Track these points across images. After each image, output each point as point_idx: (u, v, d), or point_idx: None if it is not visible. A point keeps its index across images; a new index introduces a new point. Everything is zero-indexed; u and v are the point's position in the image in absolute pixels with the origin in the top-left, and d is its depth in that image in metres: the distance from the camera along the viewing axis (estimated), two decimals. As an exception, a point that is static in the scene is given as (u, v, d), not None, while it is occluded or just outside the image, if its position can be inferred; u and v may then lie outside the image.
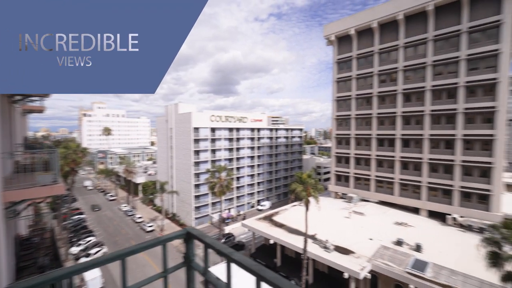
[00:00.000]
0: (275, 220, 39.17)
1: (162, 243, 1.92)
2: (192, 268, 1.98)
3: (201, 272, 1.88)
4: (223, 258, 1.59)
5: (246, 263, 1.39)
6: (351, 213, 40.85)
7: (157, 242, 1.90)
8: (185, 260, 2.00)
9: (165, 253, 1.95)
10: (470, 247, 26.07)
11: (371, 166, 46.82)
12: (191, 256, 2.00)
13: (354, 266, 25.94)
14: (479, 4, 35.05)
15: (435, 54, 38.99)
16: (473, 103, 35.93)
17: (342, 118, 51.12)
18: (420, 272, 24.33)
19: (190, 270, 1.99)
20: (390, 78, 44.21)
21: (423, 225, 36.43)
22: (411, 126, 42.13)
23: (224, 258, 1.56)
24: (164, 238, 1.93)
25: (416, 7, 39.46)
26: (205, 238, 1.83)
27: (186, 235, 2.00)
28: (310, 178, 29.47)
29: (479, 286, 22.02)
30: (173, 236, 1.99)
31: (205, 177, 51.55)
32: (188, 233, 2.00)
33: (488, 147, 35.22)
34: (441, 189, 39.20)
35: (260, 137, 75.57)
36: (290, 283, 1.15)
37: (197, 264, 1.98)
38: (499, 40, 33.61)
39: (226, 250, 1.57)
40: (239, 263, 1.44)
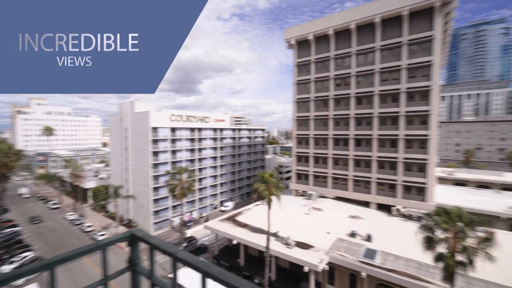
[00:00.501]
0: (238, 220, 39.16)
1: (101, 248, 1.73)
2: (137, 272, 1.83)
3: (146, 275, 1.75)
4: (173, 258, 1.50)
5: (191, 260, 1.32)
6: (311, 209, 42.93)
7: (96, 247, 1.71)
8: (129, 265, 1.84)
9: (105, 258, 1.76)
10: (410, 234, 29.44)
11: (328, 164, 49.85)
12: (136, 260, 1.84)
13: (313, 259, 27.29)
14: (416, 20, 39.91)
15: (382, 62, 43.22)
16: (412, 107, 40.74)
17: (302, 119, 53.43)
18: (370, 260, 26.68)
19: (135, 274, 1.83)
20: (344, 82, 47.65)
21: (373, 217, 40.06)
22: (362, 127, 45.99)
23: (170, 257, 1.47)
24: (104, 242, 1.74)
25: (365, 18, 43.24)
26: (151, 239, 1.71)
27: (130, 237, 1.84)
28: (272, 177, 30.15)
29: (417, 268, 25.04)
30: (115, 239, 1.81)
31: (165, 180, 49.05)
32: (133, 235, 1.84)
33: (424, 145, 40.29)
34: (387, 183, 43.59)
35: (223, 137, 74.82)
36: (236, 277, 1.13)
37: (143, 268, 1.83)
38: (432, 52, 38.73)
39: (171, 249, 1.48)
40: (184, 261, 1.37)
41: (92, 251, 1.70)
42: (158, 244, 1.64)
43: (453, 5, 37.70)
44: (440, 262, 19.49)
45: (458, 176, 60.17)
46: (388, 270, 25.14)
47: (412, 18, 40.14)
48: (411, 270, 24.83)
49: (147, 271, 1.76)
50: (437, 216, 20.28)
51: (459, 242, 19.01)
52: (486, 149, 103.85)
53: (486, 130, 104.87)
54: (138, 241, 1.84)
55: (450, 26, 44.13)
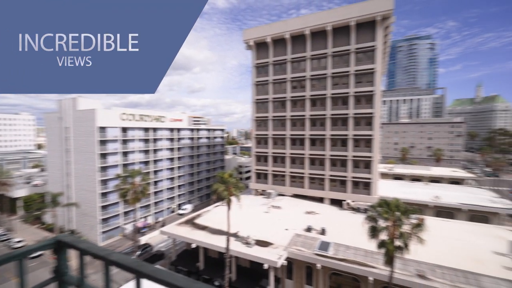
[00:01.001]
0: (197, 223, 38.06)
1: (17, 258, 1.48)
2: (65, 282, 1.61)
3: (75, 284, 1.55)
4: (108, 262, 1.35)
5: (124, 262, 1.21)
6: (270, 207, 44.00)
7: (10, 257, 1.45)
8: (55, 275, 1.61)
9: (22, 270, 1.51)
10: (358, 225, 32.29)
11: (286, 163, 51.75)
12: (63, 269, 1.62)
13: (273, 256, 28.01)
14: (362, 31, 44.01)
15: (333, 67, 46.58)
16: (359, 109, 44.80)
17: (261, 119, 54.44)
18: (324, 252, 28.50)
19: (62, 285, 1.61)
20: (300, 85, 50.03)
21: (327, 212, 42.90)
22: (316, 127, 48.88)
23: (101, 261, 1.32)
24: (20, 252, 1.49)
25: (318, 25, 46.09)
26: (80, 244, 1.52)
27: (56, 244, 1.61)
28: (232, 177, 30.04)
29: (364, 255, 27.61)
30: (36, 247, 1.57)
31: (115, 184, 44.96)
32: (59, 242, 1.62)
33: (369, 144, 44.64)
34: (339, 180, 47.14)
35: (181, 138, 71.94)
36: (171, 273, 1.07)
37: (72, 277, 1.62)
38: (374, 61, 43.15)
39: (103, 252, 1.34)
40: (117, 263, 1.25)
41: (4, 263, 1.44)
42: (89, 248, 1.46)
43: (391, 20, 42.62)
44: (382, 248, 21.81)
45: (397, 171, 68.25)
46: (340, 260, 27.19)
47: (359, 29, 44.15)
48: (359, 258, 27.27)
49: (76, 279, 1.56)
50: (380, 207, 22.67)
51: (397, 229, 21.54)
52: (417, 147, 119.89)
53: (417, 130, 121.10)
54: (66, 248, 1.62)
55: (389, 38, 49.78)
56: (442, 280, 23.27)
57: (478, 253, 27.97)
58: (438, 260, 25.97)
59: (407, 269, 24.80)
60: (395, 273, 22.79)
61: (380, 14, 41.22)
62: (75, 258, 1.60)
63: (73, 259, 1.74)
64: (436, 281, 23.26)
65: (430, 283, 23.06)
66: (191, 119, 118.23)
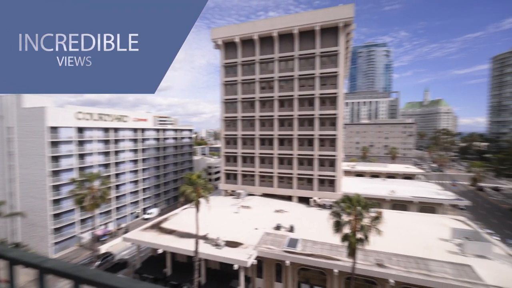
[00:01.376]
0: (164, 227, 36.47)
1: None
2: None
3: None
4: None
5: (61, 268, 1.09)
6: (240, 208, 43.94)
7: None
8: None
9: None
10: (324, 221, 33.82)
11: (255, 163, 52.15)
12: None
13: (243, 256, 28.00)
14: (326, 36, 46.21)
15: (300, 69, 48.18)
16: (324, 111, 46.97)
17: (230, 119, 54.11)
18: (293, 248, 29.31)
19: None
20: (268, 86, 50.83)
21: (295, 209, 44.19)
22: (285, 127, 50.09)
23: (35, 269, 1.17)
24: None
25: (286, 28, 47.30)
26: (10, 252, 1.33)
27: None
28: (200, 178, 29.34)
29: (330, 249, 29.02)
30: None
31: (69, 189, 40.92)
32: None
33: (333, 144, 47.05)
34: (306, 178, 48.90)
35: (145, 139, 68.36)
36: (114, 275, 0.98)
37: None
38: (337, 64, 45.63)
39: (36, 260, 1.19)
40: (53, 271, 1.12)
41: None
42: (20, 257, 1.29)
43: (352, 27, 45.47)
44: (346, 241, 23.14)
45: (358, 169, 73.03)
46: (308, 255, 28.20)
47: (323, 34, 46.29)
48: (325, 252, 28.57)
49: None
50: (343, 203, 24.02)
51: (358, 222, 23.03)
52: (376, 146, 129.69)
53: (376, 131, 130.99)
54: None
55: (350, 44, 53.05)
56: (397, 267, 25.46)
57: (427, 240, 31.16)
58: (394, 249, 28.36)
59: (367, 259, 26.64)
60: (357, 264, 24.33)
61: (342, 21, 43.71)
62: (5, 269, 1.40)
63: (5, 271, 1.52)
64: (393, 268, 25.38)
65: (387, 271, 25.08)
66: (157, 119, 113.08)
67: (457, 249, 28.74)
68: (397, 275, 24.66)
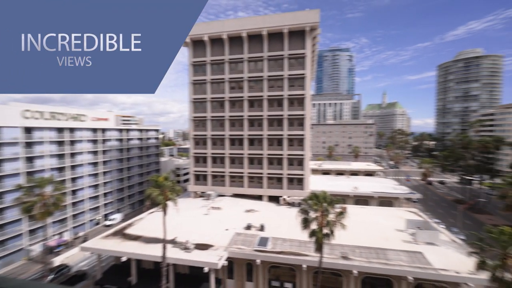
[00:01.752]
0: (129, 233, 34.37)
1: None
2: None
3: None
4: None
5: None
6: (210, 209, 43.20)
7: None
8: None
9: None
10: (293, 218, 34.83)
11: (225, 163, 51.71)
12: None
13: (213, 258, 27.58)
14: (294, 39, 47.57)
15: (269, 70, 48.92)
16: (292, 111, 48.32)
17: (199, 119, 52.90)
18: (263, 247, 29.67)
19: None
20: (238, 86, 50.74)
21: (265, 208, 44.77)
22: (255, 127, 50.46)
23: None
24: None
25: (255, 29, 47.67)
26: None
27: None
28: (167, 180, 28.22)
29: (299, 245, 29.95)
30: None
31: (15, 197, 36.31)
32: None
33: (301, 143, 48.64)
34: (276, 177, 49.83)
35: (107, 139, 63.70)
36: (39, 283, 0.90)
37: None
38: (305, 67, 47.27)
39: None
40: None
41: None
42: None
43: (318, 32, 47.46)
44: (313, 237, 24.09)
45: (325, 167, 76.52)
46: (278, 253, 28.78)
47: (291, 37, 47.57)
48: (294, 249, 29.42)
49: None
50: (310, 200, 24.98)
51: (325, 218, 24.14)
52: (341, 145, 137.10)
53: (340, 131, 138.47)
54: None
55: (316, 48, 55.31)
56: (360, 258, 27.23)
57: (385, 232, 33.82)
58: (357, 241, 30.27)
59: (333, 253, 28.05)
60: (324, 258, 25.48)
61: (309, 25, 45.40)
62: None
63: None
64: (356, 259, 27.07)
65: (351, 262, 26.69)
66: (120, 119, 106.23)
67: (410, 238, 31.65)
68: (359, 265, 26.37)
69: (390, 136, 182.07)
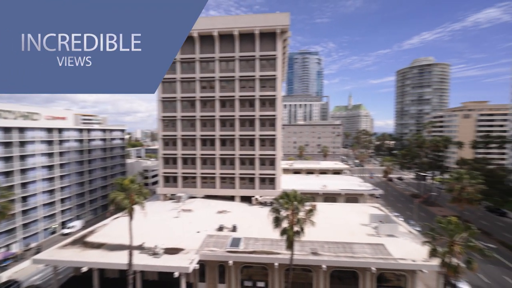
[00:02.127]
0: (90, 241, 31.90)
1: None
2: None
3: None
4: None
5: None
6: (180, 212, 41.87)
7: None
8: None
9: None
10: (265, 218, 35.22)
11: (196, 164, 50.54)
12: None
13: (184, 262, 26.75)
14: (265, 40, 48.15)
15: (241, 71, 48.90)
16: (264, 112, 48.87)
17: (168, 119, 51.01)
18: (235, 248, 29.54)
19: None
20: (209, 85, 49.93)
21: (238, 209, 44.64)
22: (226, 128, 50.06)
23: None
24: None
25: (226, 29, 47.31)
26: None
27: None
28: (134, 183, 26.72)
29: (271, 244, 30.37)
30: None
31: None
32: None
33: (273, 144, 49.41)
34: (248, 177, 49.98)
35: (64, 140, 58.49)
36: None
37: None
38: (276, 68, 48.11)
39: None
40: None
41: None
42: None
43: (288, 34, 48.63)
44: (284, 235, 24.60)
45: (295, 167, 78.60)
46: (250, 253, 28.86)
47: (262, 38, 48.10)
48: (266, 248, 29.76)
49: None
50: (281, 199, 25.46)
51: (295, 216, 24.79)
52: (311, 145, 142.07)
53: (310, 131, 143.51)
54: None
55: (287, 50, 56.57)
56: (329, 253, 28.46)
57: (351, 226, 35.77)
58: (326, 237, 31.59)
59: (304, 249, 28.93)
60: (295, 255, 26.15)
61: (279, 27, 46.31)
62: None
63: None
64: (325, 254, 28.23)
65: (320, 258, 27.78)
66: (79, 118, 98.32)
67: (373, 232, 33.88)
68: (328, 260, 27.56)
69: (356, 136, 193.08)
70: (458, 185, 40.23)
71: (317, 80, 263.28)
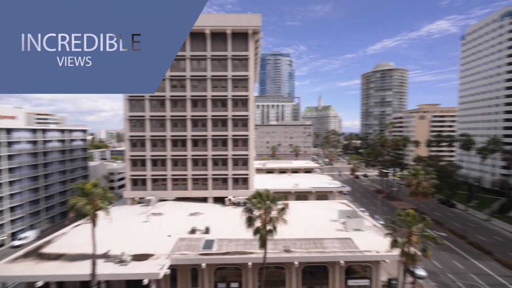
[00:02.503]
0: (46, 252, 29.12)
1: None
2: None
3: None
4: None
5: None
6: (150, 215, 40.06)
7: None
8: None
9: None
10: (238, 218, 35.17)
11: (167, 166, 48.74)
12: None
13: (153, 268, 25.63)
14: (237, 40, 48.07)
15: (213, 70, 48.22)
16: (237, 112, 48.76)
17: (136, 119, 48.49)
18: (209, 250, 29.05)
19: None
20: (180, 84, 48.47)
21: (211, 210, 43.94)
22: (198, 128, 49.01)
23: None
24: None
25: (197, 27, 46.21)
26: None
27: None
28: (97, 187, 24.95)
29: (244, 244, 30.39)
30: None
31: None
32: None
33: (246, 144, 49.51)
34: (221, 178, 49.46)
35: (14, 142, 52.63)
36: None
37: None
38: (248, 68, 48.29)
39: None
40: None
41: None
42: None
43: (260, 35, 49.10)
44: (257, 234, 24.80)
45: (268, 166, 79.64)
46: (223, 254, 28.60)
47: (234, 38, 47.93)
48: (240, 248, 29.72)
49: None
50: (254, 199, 25.63)
51: (268, 215, 25.11)
52: (283, 145, 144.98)
53: (282, 131, 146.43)
54: None
55: (259, 51, 57.07)
56: (300, 250, 29.30)
57: (321, 223, 37.21)
58: (297, 234, 32.46)
59: (277, 247, 29.43)
60: (268, 254, 26.49)
61: (251, 28, 46.57)
62: None
63: None
64: (297, 251, 29.01)
65: (293, 255, 28.49)
66: (33, 117, 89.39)
67: (342, 227, 35.62)
68: (300, 257, 28.36)
69: (325, 136, 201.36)
70: (415, 181, 43.95)
71: (288, 81, 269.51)
